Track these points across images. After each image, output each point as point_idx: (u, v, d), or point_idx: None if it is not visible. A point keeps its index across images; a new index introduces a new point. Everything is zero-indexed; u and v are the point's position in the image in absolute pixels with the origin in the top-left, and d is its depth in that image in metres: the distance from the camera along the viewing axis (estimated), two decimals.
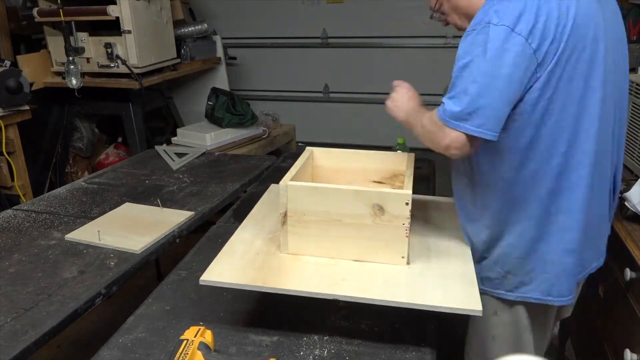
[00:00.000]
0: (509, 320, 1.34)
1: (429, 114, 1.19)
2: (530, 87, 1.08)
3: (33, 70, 3.05)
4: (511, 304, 1.32)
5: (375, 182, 1.49)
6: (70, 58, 2.84)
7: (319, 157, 1.49)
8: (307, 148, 1.48)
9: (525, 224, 1.22)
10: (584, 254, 1.26)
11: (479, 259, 1.31)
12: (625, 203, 1.53)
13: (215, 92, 3.22)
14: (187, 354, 0.97)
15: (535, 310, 1.32)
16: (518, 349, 1.36)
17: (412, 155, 1.43)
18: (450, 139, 1.11)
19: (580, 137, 1.14)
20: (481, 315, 1.06)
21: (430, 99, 4.88)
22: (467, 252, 1.27)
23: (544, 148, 1.14)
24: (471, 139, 1.10)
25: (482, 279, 1.30)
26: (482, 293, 1.26)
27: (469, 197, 1.29)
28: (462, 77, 1.08)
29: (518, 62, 1.05)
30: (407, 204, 1.15)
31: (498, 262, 1.28)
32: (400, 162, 1.45)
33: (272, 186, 1.68)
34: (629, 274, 1.43)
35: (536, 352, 1.38)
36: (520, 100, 1.10)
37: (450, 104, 1.10)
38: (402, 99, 1.32)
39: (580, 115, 1.13)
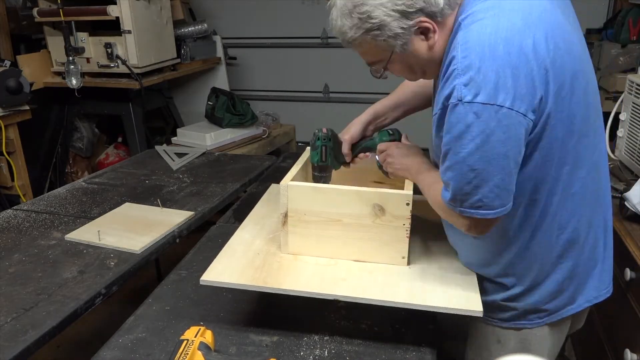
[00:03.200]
0: (516, 347, 1.21)
1: (435, 192, 1.07)
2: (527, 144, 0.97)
3: (33, 70, 3.05)
4: (519, 330, 1.20)
5: (375, 182, 1.48)
6: (70, 58, 2.84)
7: None
8: (308, 148, 1.48)
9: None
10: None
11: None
12: (625, 203, 1.53)
13: (215, 92, 3.22)
14: (187, 354, 0.97)
15: (545, 330, 1.19)
16: None
17: None
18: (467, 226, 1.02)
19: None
20: (482, 315, 1.06)
21: None
22: None
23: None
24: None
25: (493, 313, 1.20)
26: (483, 322, 1.22)
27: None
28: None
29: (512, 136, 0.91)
30: (407, 204, 1.15)
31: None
32: None
33: (273, 186, 1.68)
34: (629, 274, 1.43)
35: None
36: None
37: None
38: (398, 159, 1.25)
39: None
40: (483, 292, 1.15)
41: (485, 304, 1.10)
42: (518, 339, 1.20)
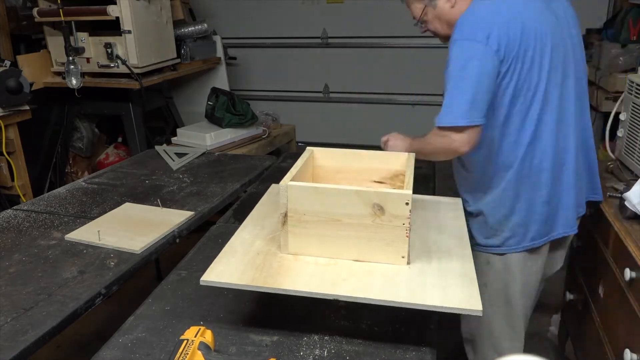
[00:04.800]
0: (500, 267, 1.57)
1: (429, 137, 1.47)
2: (499, 79, 1.37)
3: (33, 70, 3.05)
4: (504, 255, 1.55)
5: (375, 182, 1.48)
6: (70, 58, 2.84)
7: (320, 157, 1.49)
8: (308, 148, 1.48)
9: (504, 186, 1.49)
10: (578, 193, 1.54)
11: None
12: (625, 203, 1.53)
13: (215, 92, 3.22)
14: (187, 354, 0.97)
15: (525, 255, 1.54)
16: (506, 295, 1.58)
17: (412, 155, 1.43)
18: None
19: (545, 111, 1.42)
20: (481, 315, 1.06)
21: (429, 99, 4.88)
22: (467, 252, 1.27)
23: (517, 123, 1.42)
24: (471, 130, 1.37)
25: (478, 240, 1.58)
26: (476, 250, 1.52)
27: (465, 177, 1.60)
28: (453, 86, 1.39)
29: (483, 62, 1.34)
30: (407, 203, 1.15)
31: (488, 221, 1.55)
32: (401, 162, 1.45)
33: (273, 186, 1.68)
34: (629, 274, 1.43)
35: (522, 297, 1.59)
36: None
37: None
38: (396, 143, 1.61)
39: (541, 97, 1.40)
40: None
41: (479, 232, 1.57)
42: (502, 262, 1.56)
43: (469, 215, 1.55)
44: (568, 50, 1.46)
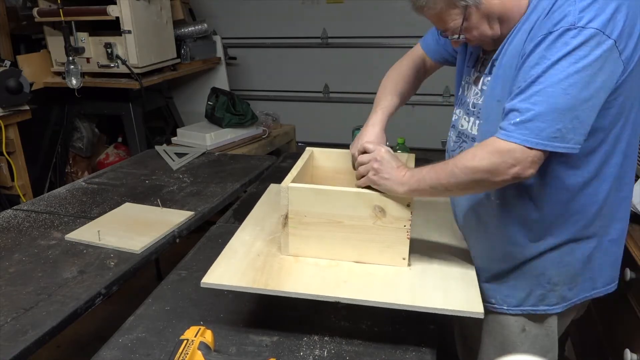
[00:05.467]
0: (541, 332, 1.25)
1: (465, 153, 1.05)
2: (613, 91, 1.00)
3: (33, 70, 3.05)
4: (542, 316, 1.23)
5: None
6: (70, 58, 2.83)
7: (319, 157, 1.49)
8: (307, 148, 1.48)
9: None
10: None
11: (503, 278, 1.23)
12: None
13: (215, 92, 3.22)
14: (187, 354, 0.97)
15: (566, 315, 1.25)
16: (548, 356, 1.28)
17: (412, 155, 1.43)
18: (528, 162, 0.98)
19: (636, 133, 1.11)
20: (482, 317, 1.06)
21: (429, 99, 4.86)
22: (468, 253, 1.27)
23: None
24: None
25: (509, 299, 1.24)
26: (508, 314, 1.25)
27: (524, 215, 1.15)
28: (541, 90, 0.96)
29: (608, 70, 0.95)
30: (408, 205, 1.15)
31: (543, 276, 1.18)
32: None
33: (272, 186, 1.68)
34: (629, 274, 1.43)
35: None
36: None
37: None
38: (389, 167, 1.14)
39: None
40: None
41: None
42: (543, 326, 1.23)
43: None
44: None
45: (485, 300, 1.16)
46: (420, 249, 1.27)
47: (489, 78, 1.13)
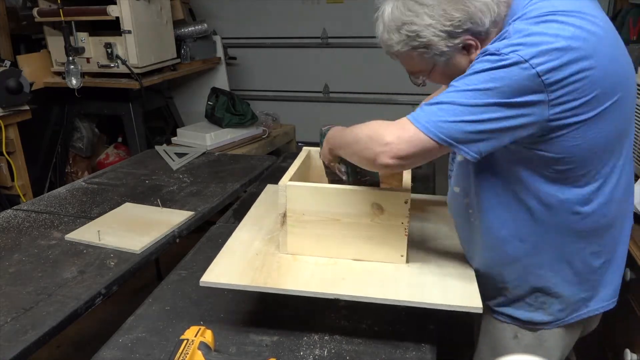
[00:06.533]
0: (531, 342, 1.22)
1: (367, 125, 1.07)
2: None
3: (33, 70, 3.05)
4: (534, 325, 1.20)
5: None
6: (70, 58, 2.84)
7: (316, 157, 1.49)
8: (304, 148, 1.48)
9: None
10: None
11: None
12: None
13: (215, 92, 3.22)
14: (187, 353, 0.97)
15: (565, 329, 1.20)
16: None
17: None
18: None
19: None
20: (481, 312, 1.06)
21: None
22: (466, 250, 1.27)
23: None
24: None
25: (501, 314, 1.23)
26: (495, 318, 1.24)
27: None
28: None
29: None
30: (406, 202, 1.15)
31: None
32: None
33: (268, 186, 1.68)
34: (629, 274, 1.43)
35: None
36: None
37: None
38: (330, 139, 1.21)
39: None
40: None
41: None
42: (535, 337, 1.21)
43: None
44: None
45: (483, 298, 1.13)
46: (418, 246, 1.27)
47: None
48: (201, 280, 1.14)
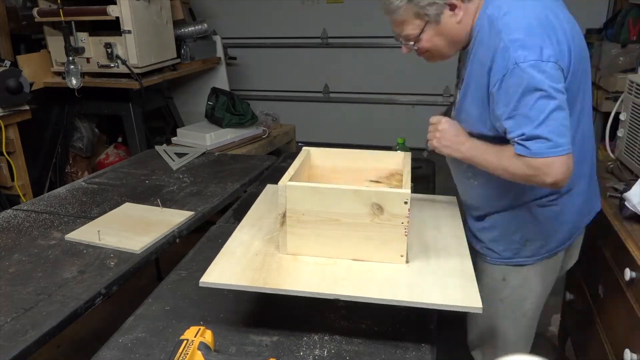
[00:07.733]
0: (518, 283, 1.45)
1: (509, 154, 1.18)
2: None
3: (33, 70, 3.05)
4: (521, 267, 1.43)
5: (372, 181, 1.48)
6: (70, 58, 2.84)
7: (316, 157, 1.49)
8: (304, 148, 1.48)
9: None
10: (591, 201, 1.45)
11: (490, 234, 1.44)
12: (625, 203, 1.53)
13: (215, 92, 3.22)
14: (187, 354, 0.97)
15: (543, 266, 1.43)
16: (523, 308, 1.48)
17: (409, 154, 1.43)
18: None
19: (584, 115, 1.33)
20: (481, 312, 1.06)
21: (429, 99, 4.85)
22: (465, 250, 1.27)
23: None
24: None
25: (491, 252, 1.46)
26: (491, 264, 1.46)
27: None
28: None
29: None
30: (406, 202, 1.15)
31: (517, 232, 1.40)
32: (396, 162, 1.45)
33: (268, 186, 1.68)
34: (629, 274, 1.43)
35: (538, 307, 1.51)
36: None
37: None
38: (449, 136, 1.32)
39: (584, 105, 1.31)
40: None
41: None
42: (521, 277, 1.44)
43: (485, 227, 1.46)
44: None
45: (473, 243, 1.44)
46: (418, 246, 1.27)
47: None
48: (201, 280, 1.14)
